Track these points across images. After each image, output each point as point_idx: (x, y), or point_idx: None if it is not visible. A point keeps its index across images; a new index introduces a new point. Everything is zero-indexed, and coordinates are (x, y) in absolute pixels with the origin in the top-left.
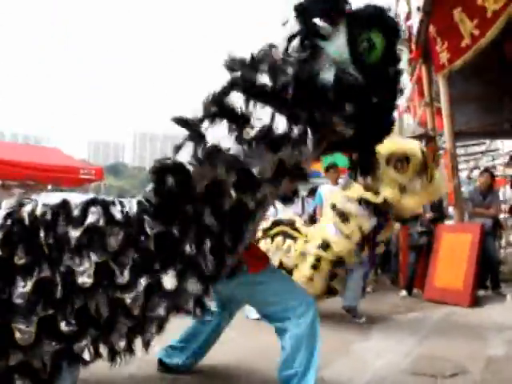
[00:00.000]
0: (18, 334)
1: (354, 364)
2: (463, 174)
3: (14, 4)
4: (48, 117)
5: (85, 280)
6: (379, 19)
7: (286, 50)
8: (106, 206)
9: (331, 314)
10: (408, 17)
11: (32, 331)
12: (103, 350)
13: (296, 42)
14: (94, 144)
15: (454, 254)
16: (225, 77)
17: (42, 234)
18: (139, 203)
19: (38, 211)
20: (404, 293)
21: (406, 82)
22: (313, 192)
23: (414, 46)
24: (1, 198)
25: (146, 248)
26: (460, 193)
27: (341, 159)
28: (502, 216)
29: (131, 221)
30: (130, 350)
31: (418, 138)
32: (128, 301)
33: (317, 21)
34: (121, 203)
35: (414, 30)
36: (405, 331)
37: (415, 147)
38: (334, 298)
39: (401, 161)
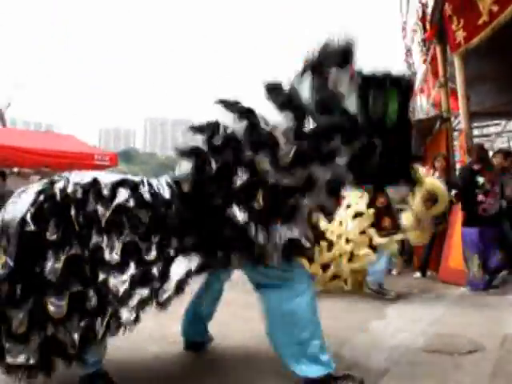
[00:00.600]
0: (51, 308)
1: (370, 342)
2: None
3: None
4: (59, 104)
5: (113, 257)
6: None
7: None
8: (135, 186)
9: (348, 293)
10: None
11: (64, 305)
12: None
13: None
14: (104, 130)
15: None
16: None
17: (72, 212)
18: (169, 186)
19: (70, 189)
20: (418, 274)
21: (419, 63)
22: None
23: (428, 26)
24: (17, 186)
25: (172, 228)
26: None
27: None
28: None
29: (160, 202)
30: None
31: (432, 119)
32: (155, 273)
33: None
34: (149, 184)
35: (429, 9)
36: (420, 311)
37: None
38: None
39: (430, 200)
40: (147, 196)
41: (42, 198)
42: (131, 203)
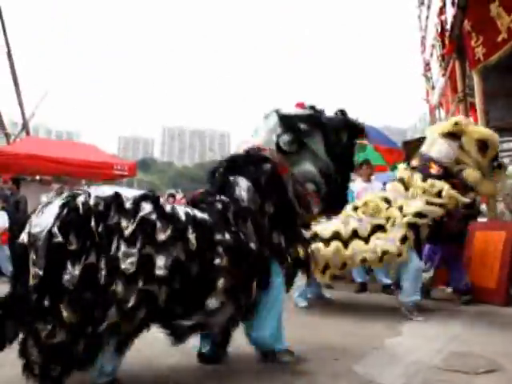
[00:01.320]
0: (65, 314)
1: (385, 359)
2: None
3: None
4: (80, 112)
5: (127, 267)
6: (344, 123)
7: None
8: (157, 200)
9: (364, 308)
10: (441, 11)
11: (77, 312)
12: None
13: (285, 138)
14: (123, 139)
15: (487, 252)
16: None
17: (92, 223)
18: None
19: (92, 202)
20: (450, 289)
21: (437, 76)
22: None
23: (447, 41)
24: (39, 193)
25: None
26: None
27: (374, 156)
28: None
29: (179, 217)
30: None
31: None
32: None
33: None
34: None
35: (448, 25)
36: (437, 328)
37: (496, 137)
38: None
39: (481, 147)
40: (168, 210)
41: (65, 211)
42: (153, 216)
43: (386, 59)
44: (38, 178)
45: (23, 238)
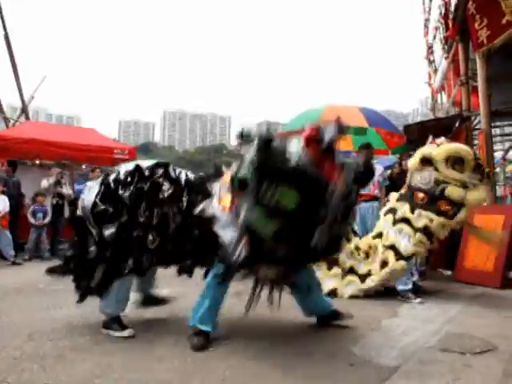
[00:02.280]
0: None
1: (382, 340)
2: (498, 155)
3: None
4: (80, 96)
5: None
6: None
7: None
8: (166, 167)
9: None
10: None
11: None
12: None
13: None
14: (124, 123)
15: None
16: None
17: (120, 192)
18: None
19: (120, 176)
20: (449, 272)
21: (440, 60)
22: None
23: (450, 24)
24: (39, 177)
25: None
26: (493, 174)
27: (375, 139)
28: None
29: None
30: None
31: (452, 118)
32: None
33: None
34: (174, 169)
35: (452, 7)
36: (434, 310)
37: (467, 148)
38: None
39: (457, 162)
40: (173, 175)
41: (102, 187)
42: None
43: (389, 42)
44: (37, 162)
45: (79, 212)
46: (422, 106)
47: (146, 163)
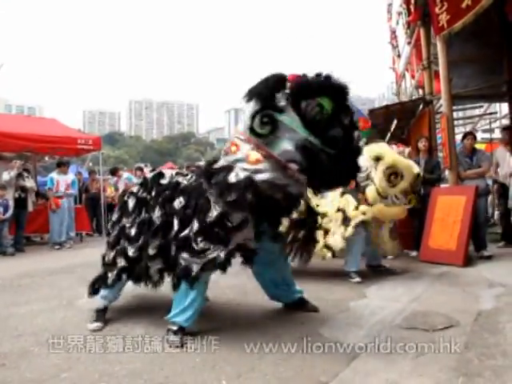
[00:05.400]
0: (130, 253)
1: (350, 321)
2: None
3: None
4: (41, 85)
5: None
6: (323, 86)
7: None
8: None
9: (331, 273)
10: None
11: (136, 251)
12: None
13: (258, 120)
14: (89, 113)
15: (448, 215)
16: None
17: (140, 194)
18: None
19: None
20: (415, 253)
21: (403, 44)
22: None
23: (412, 8)
24: (0, 170)
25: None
26: (455, 156)
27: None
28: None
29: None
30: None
31: (416, 101)
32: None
33: (273, 98)
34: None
35: None
36: (400, 290)
37: (415, 168)
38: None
39: (395, 174)
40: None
41: (127, 194)
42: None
43: (353, 28)
44: None
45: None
46: (388, 91)
47: (168, 171)
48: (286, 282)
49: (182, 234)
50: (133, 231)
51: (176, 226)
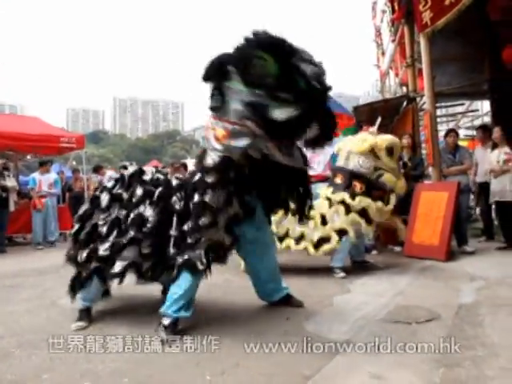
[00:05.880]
0: (101, 252)
1: (334, 316)
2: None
3: None
4: (23, 83)
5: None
6: (265, 43)
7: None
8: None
9: (316, 269)
10: None
11: (108, 249)
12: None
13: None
14: (72, 111)
15: (431, 211)
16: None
17: (116, 190)
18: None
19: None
20: (398, 248)
21: (388, 42)
22: None
23: (396, 6)
24: None
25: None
26: (438, 153)
27: None
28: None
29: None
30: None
31: (400, 99)
32: None
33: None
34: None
35: None
36: (384, 284)
37: (397, 140)
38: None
39: (389, 151)
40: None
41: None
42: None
43: (339, 26)
44: None
45: None
46: (373, 89)
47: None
48: (275, 278)
49: (182, 229)
50: (105, 229)
51: (175, 223)
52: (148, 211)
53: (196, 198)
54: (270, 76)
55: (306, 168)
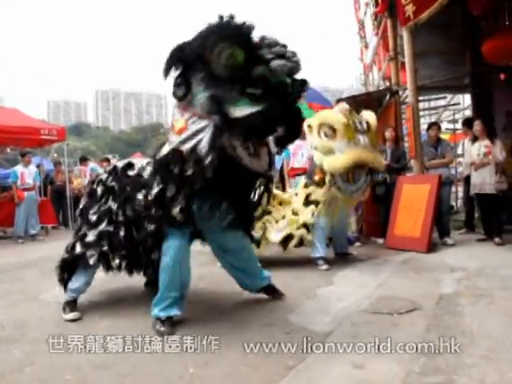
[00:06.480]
0: (89, 238)
1: (317, 307)
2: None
3: None
4: (2, 76)
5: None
6: (230, 31)
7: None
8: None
9: (300, 262)
10: None
11: (95, 238)
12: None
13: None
14: (53, 103)
15: (413, 204)
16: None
17: (109, 183)
18: None
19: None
20: (381, 240)
21: (371, 35)
22: None
23: (379, 0)
24: None
25: None
26: (420, 146)
27: (308, 114)
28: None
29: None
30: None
31: (382, 92)
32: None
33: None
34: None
35: None
36: (367, 276)
37: (338, 116)
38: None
39: (330, 129)
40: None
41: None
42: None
43: (322, 18)
44: None
45: None
46: (356, 82)
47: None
48: (253, 270)
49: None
50: (94, 217)
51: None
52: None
53: (140, 195)
54: (235, 67)
55: (270, 173)
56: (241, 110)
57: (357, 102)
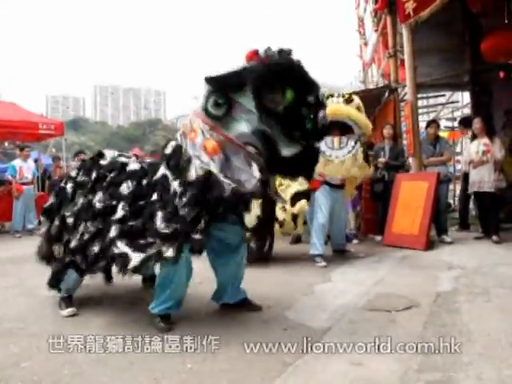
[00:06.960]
0: (72, 245)
1: (315, 304)
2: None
3: None
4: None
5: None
6: (286, 75)
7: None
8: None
9: (298, 258)
10: None
11: (79, 237)
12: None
13: (212, 100)
14: (52, 98)
15: (411, 201)
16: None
17: (79, 178)
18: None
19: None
20: (379, 238)
21: (370, 32)
22: None
23: None
24: None
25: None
26: (419, 143)
27: None
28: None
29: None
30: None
31: (381, 89)
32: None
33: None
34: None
35: None
36: (364, 273)
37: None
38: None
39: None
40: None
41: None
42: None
43: (322, 15)
44: None
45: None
46: (355, 79)
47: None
48: (238, 280)
49: (132, 222)
50: (71, 220)
51: (120, 212)
52: (97, 197)
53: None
54: (282, 106)
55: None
56: (288, 150)
57: None
